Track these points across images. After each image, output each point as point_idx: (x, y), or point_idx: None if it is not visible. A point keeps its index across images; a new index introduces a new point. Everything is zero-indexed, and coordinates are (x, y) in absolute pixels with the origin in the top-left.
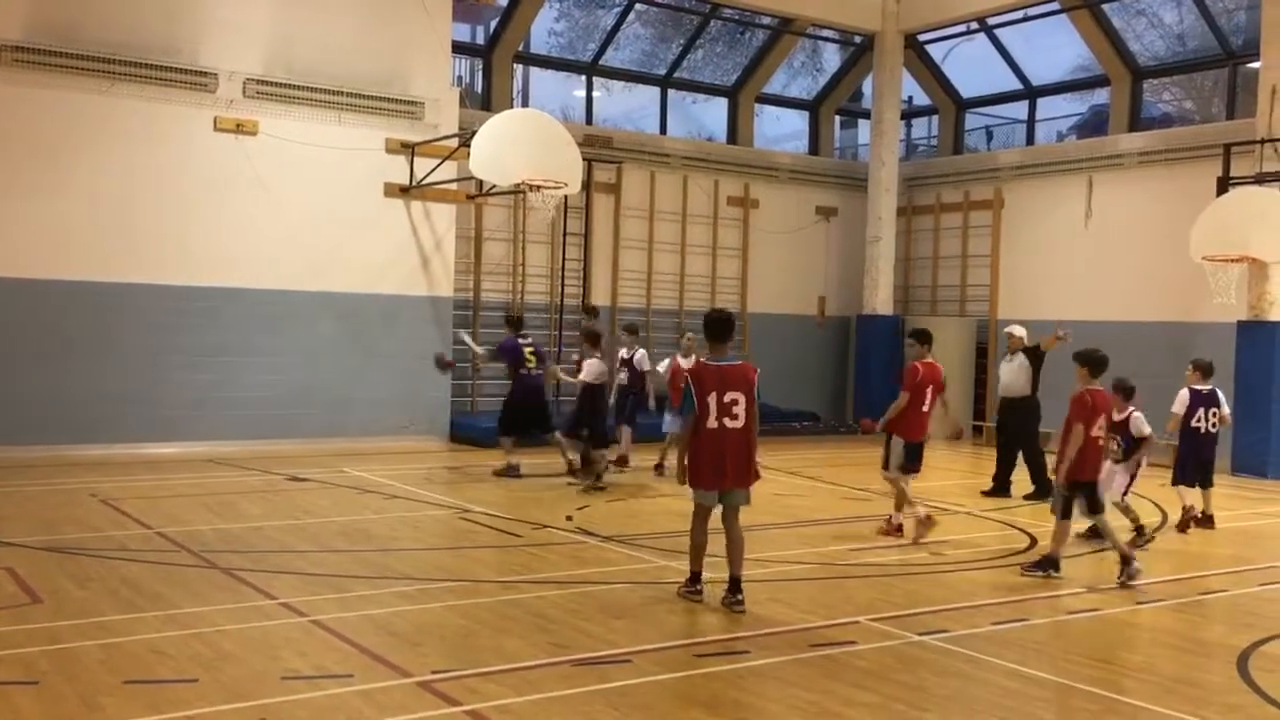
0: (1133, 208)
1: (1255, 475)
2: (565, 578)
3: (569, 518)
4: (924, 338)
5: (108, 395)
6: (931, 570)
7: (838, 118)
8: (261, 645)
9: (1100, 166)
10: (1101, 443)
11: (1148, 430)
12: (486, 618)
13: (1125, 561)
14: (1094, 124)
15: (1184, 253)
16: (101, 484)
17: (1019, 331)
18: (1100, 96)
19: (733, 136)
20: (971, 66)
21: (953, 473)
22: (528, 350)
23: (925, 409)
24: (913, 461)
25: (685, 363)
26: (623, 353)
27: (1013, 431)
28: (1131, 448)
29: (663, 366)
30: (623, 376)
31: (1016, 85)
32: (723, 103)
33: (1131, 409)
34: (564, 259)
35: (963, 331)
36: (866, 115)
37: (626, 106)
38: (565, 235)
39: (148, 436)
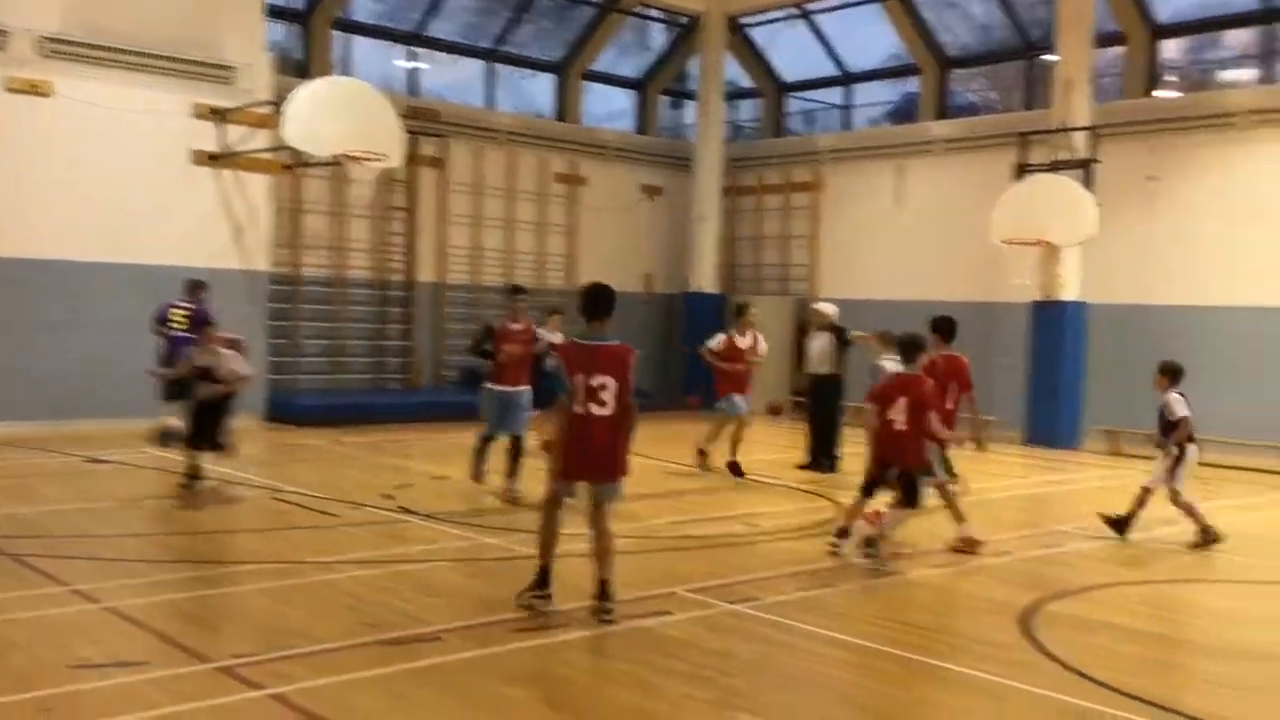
0: (940, 192)
1: (1045, 445)
2: (381, 557)
3: (389, 496)
4: (943, 327)
5: None
6: (747, 541)
7: (665, 97)
8: (50, 634)
9: (911, 152)
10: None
11: (1181, 412)
12: (295, 599)
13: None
14: (905, 111)
15: (986, 236)
16: None
17: (826, 309)
18: (912, 84)
19: (561, 113)
20: (792, 51)
21: (771, 447)
22: (174, 313)
23: (951, 408)
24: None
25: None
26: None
27: (821, 407)
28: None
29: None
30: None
31: (834, 71)
32: (550, 78)
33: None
34: (388, 234)
35: (784, 309)
36: (693, 96)
37: (452, 79)
38: (389, 209)
39: None
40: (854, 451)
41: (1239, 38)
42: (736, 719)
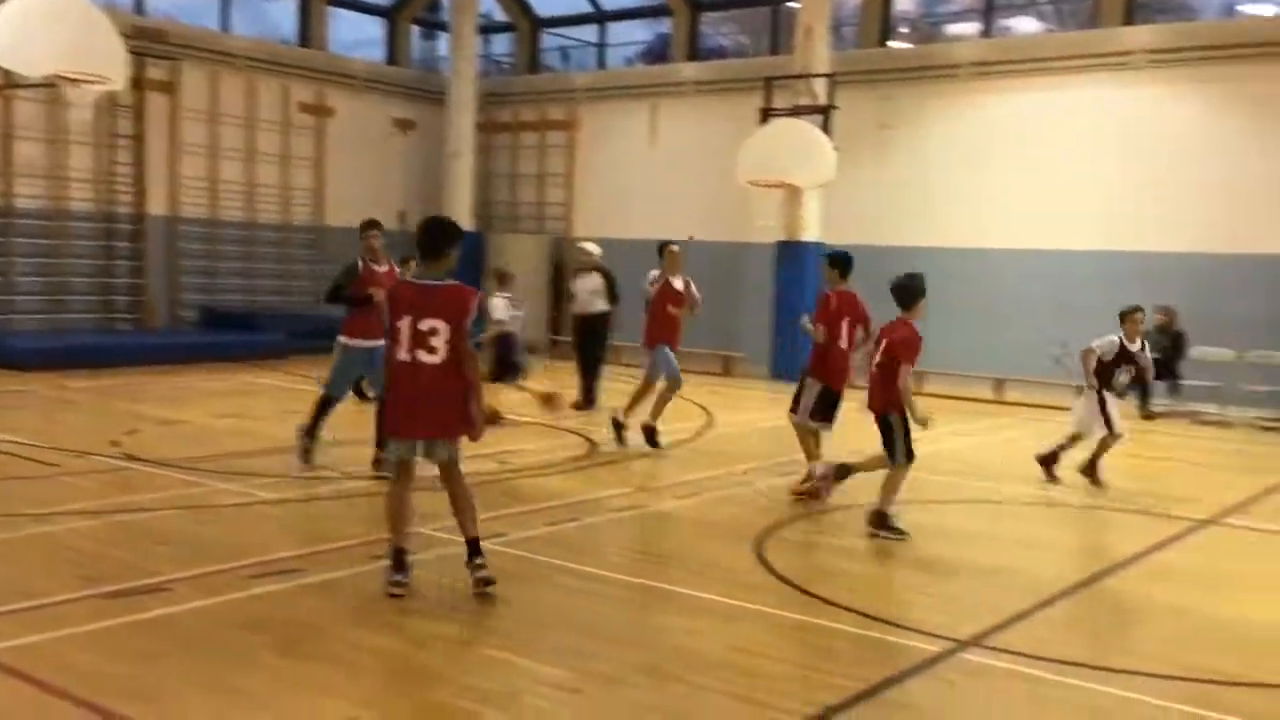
0: (692, 133)
1: (790, 379)
2: (105, 507)
3: (115, 443)
4: (840, 263)
5: None
6: (496, 479)
7: (416, 28)
8: None
9: (664, 93)
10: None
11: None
12: (7, 554)
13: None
14: (659, 51)
15: (734, 177)
16: None
17: (592, 249)
18: (665, 25)
19: (305, 39)
20: None
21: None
22: None
23: (845, 347)
24: (826, 412)
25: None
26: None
27: (591, 347)
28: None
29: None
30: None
31: (588, 8)
32: (293, 2)
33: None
34: (113, 163)
35: (540, 248)
36: (446, 27)
37: None
38: (114, 137)
39: None
40: (618, 388)
41: None
42: (478, 654)
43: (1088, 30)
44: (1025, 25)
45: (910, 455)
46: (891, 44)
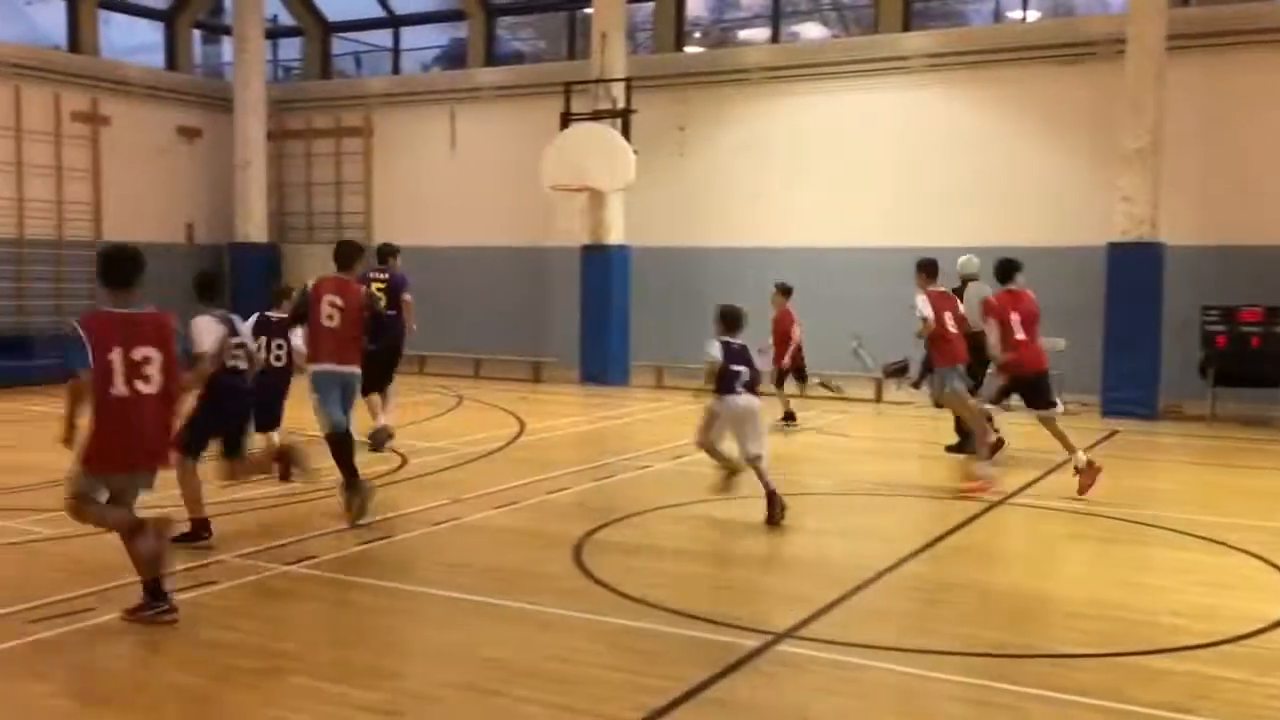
0: (492, 138)
1: (598, 383)
2: None
3: None
4: (929, 268)
5: None
6: (302, 499)
7: (198, 32)
8: None
9: (462, 98)
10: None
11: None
12: None
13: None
14: (456, 56)
15: (537, 182)
16: None
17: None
18: (461, 30)
19: (75, 44)
20: None
21: None
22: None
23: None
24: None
25: None
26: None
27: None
28: None
29: None
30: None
31: (381, 13)
32: (60, 5)
33: None
34: None
35: None
36: (229, 31)
37: None
38: None
39: None
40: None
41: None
42: (285, 684)
43: (870, 35)
44: (812, 31)
45: None
46: (687, 49)
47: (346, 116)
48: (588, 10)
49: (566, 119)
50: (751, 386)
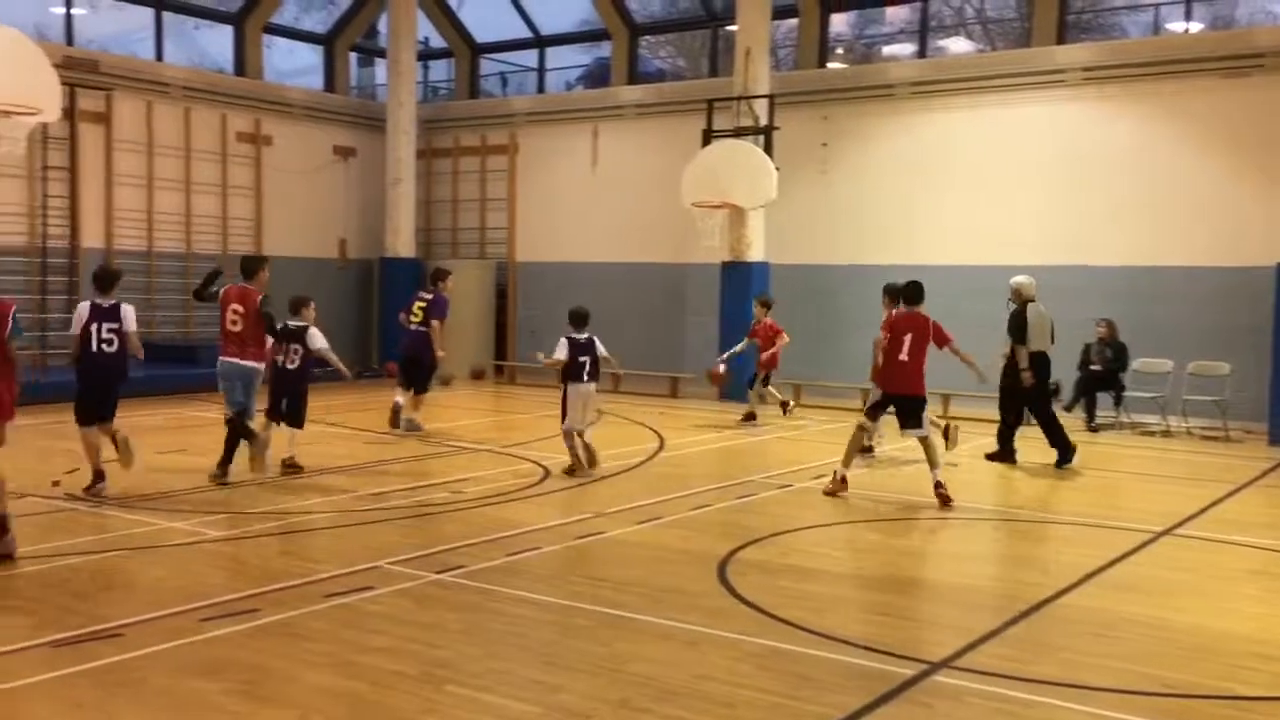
0: (632, 156)
1: (736, 399)
2: (49, 551)
3: (56, 483)
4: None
5: None
6: (450, 509)
7: (354, 55)
8: None
9: (604, 116)
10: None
11: None
12: None
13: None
14: (599, 75)
15: (677, 199)
16: None
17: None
18: (604, 49)
19: (241, 68)
20: (485, 12)
21: (477, 411)
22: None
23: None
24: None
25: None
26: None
27: None
28: None
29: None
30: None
31: (527, 34)
32: (228, 30)
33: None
34: (45, 196)
35: (483, 273)
36: (383, 54)
37: (115, 28)
38: (45, 169)
39: None
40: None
41: (899, 14)
42: (442, 691)
43: (1021, 49)
44: (959, 45)
45: None
46: (830, 65)
47: (492, 135)
48: (731, 27)
49: (708, 136)
50: (594, 373)
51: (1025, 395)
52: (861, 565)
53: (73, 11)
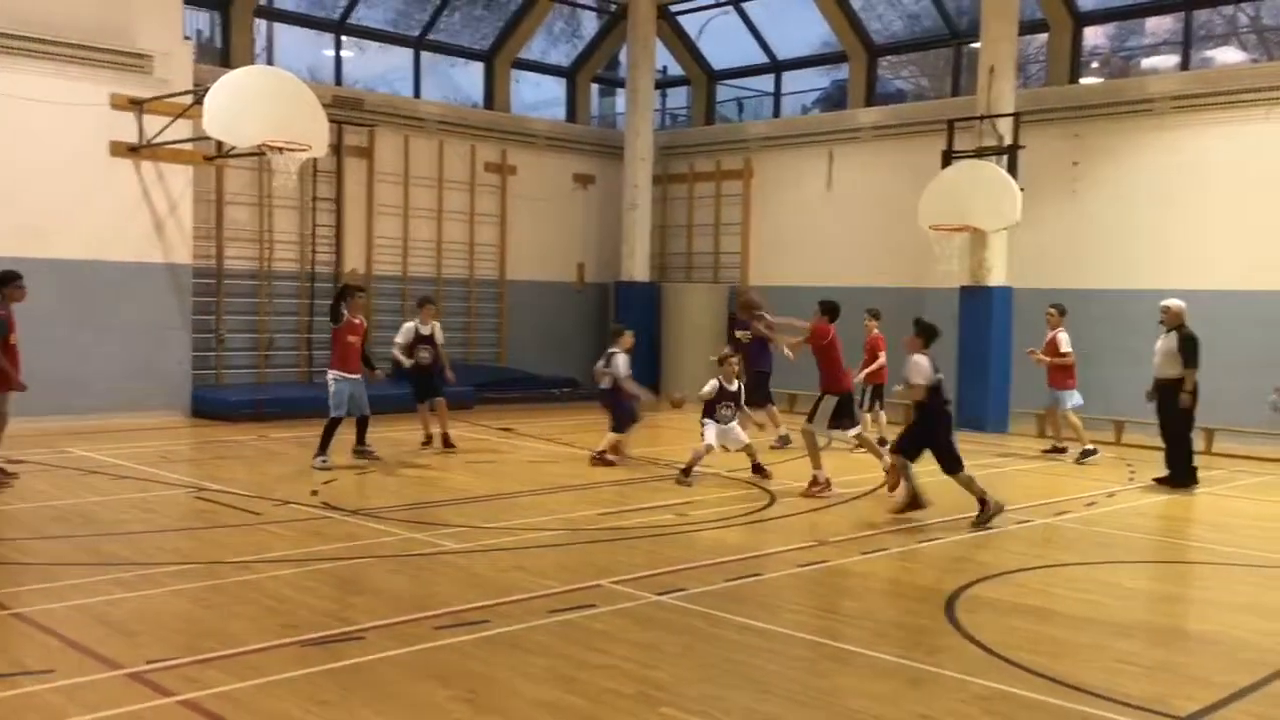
0: (870, 178)
1: (975, 429)
2: (304, 555)
3: (314, 492)
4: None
5: None
6: (675, 531)
7: (595, 85)
8: None
9: (841, 139)
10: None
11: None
12: (215, 601)
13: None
14: (836, 98)
15: (914, 221)
16: None
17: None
18: (842, 72)
19: (490, 101)
20: (722, 39)
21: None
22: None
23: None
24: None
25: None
26: (422, 328)
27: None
28: None
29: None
30: (425, 354)
31: (764, 59)
32: (479, 67)
33: None
34: (314, 225)
35: (716, 297)
36: (623, 84)
37: (379, 68)
38: (315, 200)
39: None
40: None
41: (1160, 24)
42: (657, 713)
43: None
44: (1228, 56)
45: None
46: (1082, 80)
47: (727, 160)
48: (974, 45)
49: (948, 157)
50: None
51: (1171, 414)
52: (1103, 608)
53: (341, 54)
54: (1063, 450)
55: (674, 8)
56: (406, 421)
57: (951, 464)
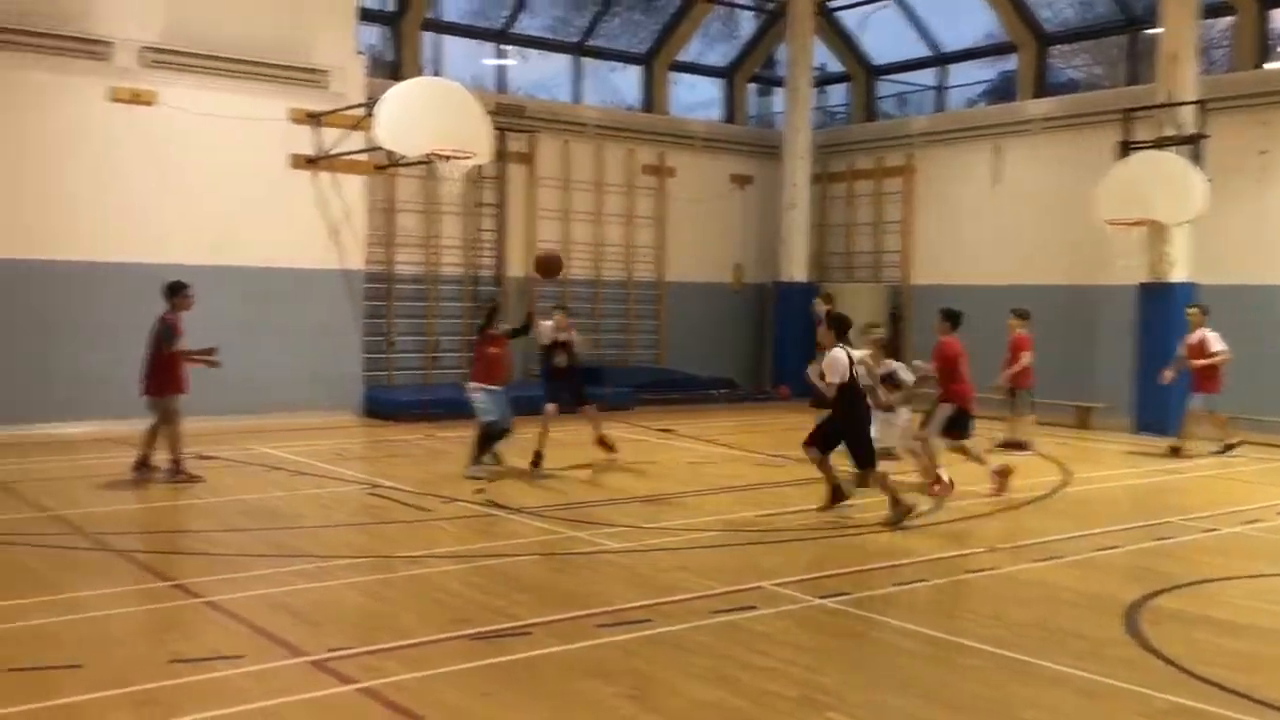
0: (1038, 172)
1: (1157, 433)
2: (471, 551)
3: (479, 490)
4: (954, 317)
5: (1, 375)
6: (837, 534)
7: (753, 85)
8: (150, 628)
9: (1008, 132)
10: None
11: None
12: (389, 594)
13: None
14: (1003, 90)
15: (1088, 216)
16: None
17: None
18: (1010, 63)
19: (648, 104)
20: (883, 34)
21: None
22: None
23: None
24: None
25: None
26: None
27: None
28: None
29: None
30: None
31: (927, 52)
32: (638, 70)
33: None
34: (478, 230)
35: (877, 297)
36: (781, 83)
37: (540, 74)
38: (479, 205)
39: (46, 416)
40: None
41: None
42: (823, 717)
43: None
44: None
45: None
46: (1268, 65)
47: (888, 157)
48: (1152, 31)
49: (1125, 148)
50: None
51: None
52: None
53: (504, 63)
54: (1235, 446)
55: (833, 4)
56: (565, 423)
57: (864, 460)
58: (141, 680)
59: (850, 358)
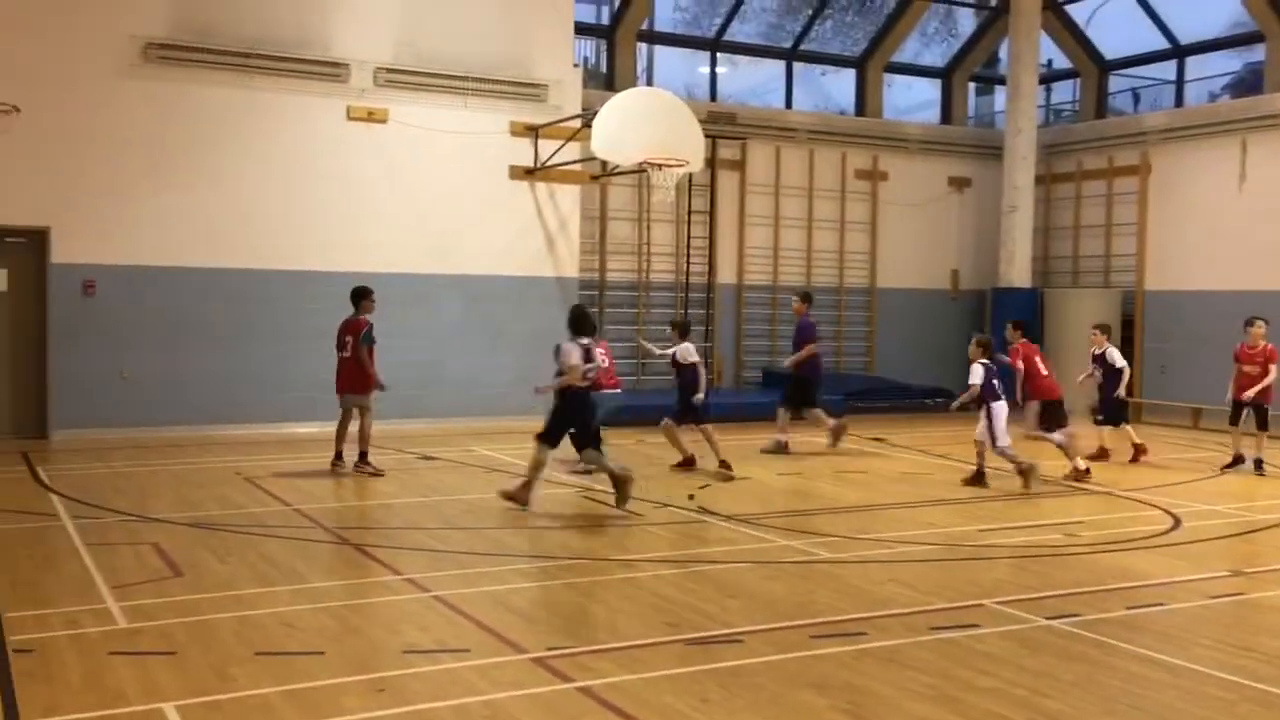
0: None
1: None
2: (684, 557)
3: (691, 496)
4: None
5: (248, 377)
6: (1064, 552)
7: (972, 85)
8: (385, 619)
9: (1255, 127)
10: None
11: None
12: (604, 596)
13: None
14: (1249, 83)
15: None
16: (244, 462)
17: None
18: (1257, 53)
19: (861, 108)
20: (1115, 26)
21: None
22: None
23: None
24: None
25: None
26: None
27: None
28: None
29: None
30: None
31: (1164, 44)
32: (851, 74)
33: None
34: (689, 237)
35: (1107, 303)
36: (1002, 81)
37: (751, 81)
38: (690, 213)
39: (286, 416)
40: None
41: None
42: None
43: None
44: None
45: None
46: None
47: (1120, 156)
48: None
49: None
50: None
51: None
52: None
53: (716, 70)
54: None
55: None
56: (760, 428)
57: (585, 441)
58: (377, 668)
59: (587, 353)
